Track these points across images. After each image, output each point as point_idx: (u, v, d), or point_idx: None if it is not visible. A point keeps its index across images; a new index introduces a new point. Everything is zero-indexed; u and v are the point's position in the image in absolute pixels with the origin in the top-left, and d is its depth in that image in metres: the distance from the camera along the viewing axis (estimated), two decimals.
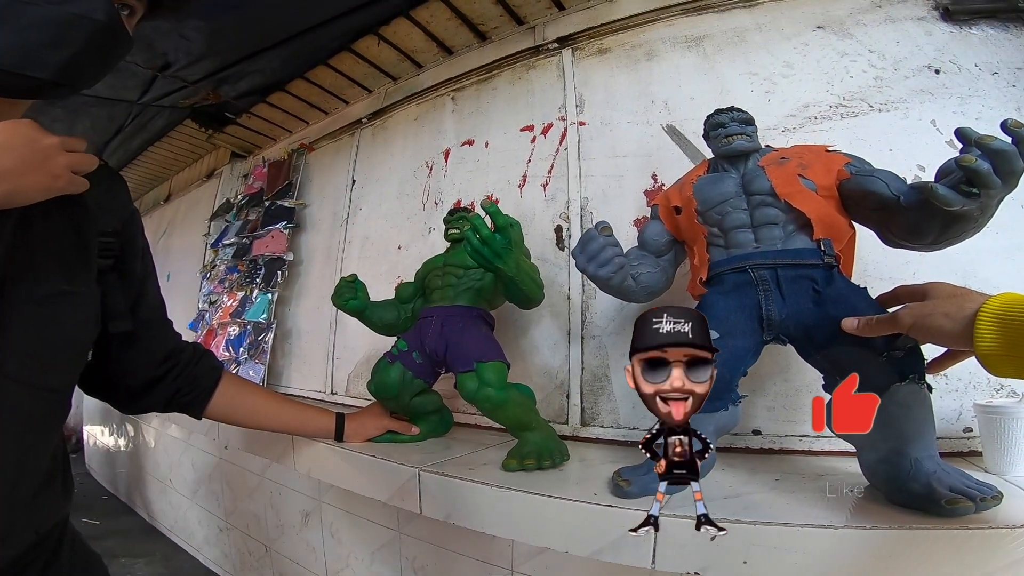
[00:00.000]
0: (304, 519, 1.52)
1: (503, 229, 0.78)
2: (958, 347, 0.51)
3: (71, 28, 0.50)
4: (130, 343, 0.70)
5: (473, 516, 0.76)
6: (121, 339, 0.68)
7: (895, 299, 0.61)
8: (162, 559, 2.06)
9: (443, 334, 0.92)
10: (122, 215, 0.67)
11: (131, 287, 0.69)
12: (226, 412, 0.83)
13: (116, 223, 0.66)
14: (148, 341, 0.73)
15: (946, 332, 0.49)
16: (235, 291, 1.84)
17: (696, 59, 1.09)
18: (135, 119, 1.90)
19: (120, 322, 0.66)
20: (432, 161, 1.45)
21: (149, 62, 1.45)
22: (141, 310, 0.71)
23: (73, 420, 3.68)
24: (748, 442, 0.88)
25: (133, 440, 2.56)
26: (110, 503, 2.69)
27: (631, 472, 0.67)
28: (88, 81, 0.55)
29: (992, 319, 0.45)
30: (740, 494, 0.66)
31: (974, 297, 0.49)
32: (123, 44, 0.55)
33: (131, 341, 0.70)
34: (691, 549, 0.58)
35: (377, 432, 0.99)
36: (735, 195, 0.72)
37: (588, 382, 1.05)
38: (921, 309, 0.52)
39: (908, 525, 0.53)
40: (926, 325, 0.51)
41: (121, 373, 0.72)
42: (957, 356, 0.56)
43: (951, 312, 0.49)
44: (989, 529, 0.51)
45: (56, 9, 0.49)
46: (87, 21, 0.51)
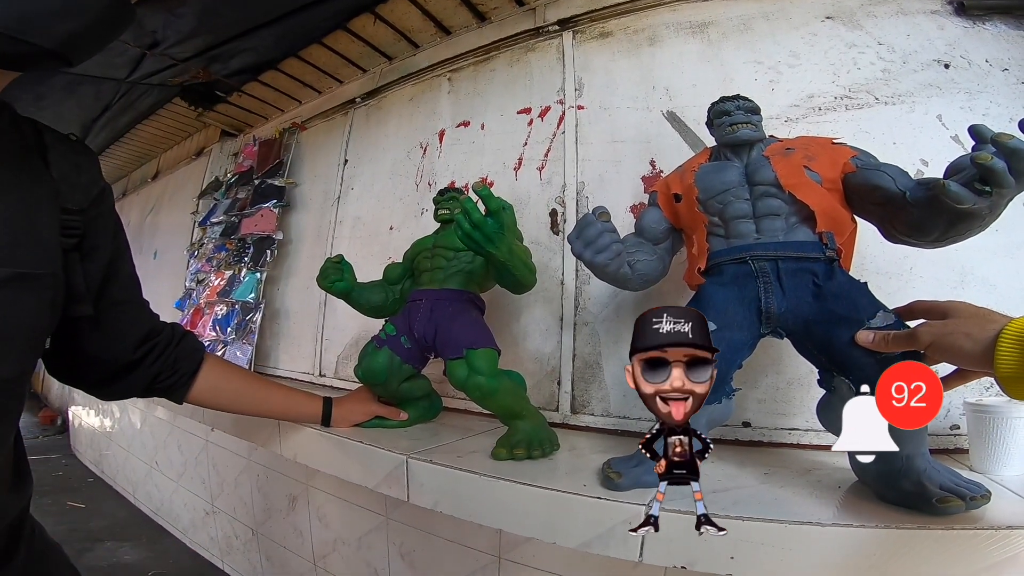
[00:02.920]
0: (291, 503, 1.52)
1: (495, 213, 0.75)
2: (977, 368, 0.50)
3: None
4: (101, 325, 0.66)
5: (461, 504, 0.75)
6: (90, 322, 0.65)
7: (910, 314, 0.59)
8: (147, 543, 2.04)
9: (432, 319, 0.90)
10: (90, 192, 0.63)
11: (97, 267, 0.65)
12: (209, 396, 0.80)
13: (83, 200, 0.62)
14: (121, 324, 0.69)
15: (966, 353, 0.48)
16: (223, 270, 1.81)
17: (700, 46, 1.06)
18: (123, 97, 1.86)
19: (80, 306, 0.62)
20: (427, 142, 1.42)
21: (138, 40, 1.41)
22: (112, 291, 0.67)
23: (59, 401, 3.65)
24: (738, 434, 0.87)
25: (119, 422, 2.54)
26: (95, 485, 2.67)
27: (621, 464, 0.66)
28: (84, 56, 0.51)
29: (1014, 341, 0.44)
30: (729, 488, 0.66)
31: (996, 318, 0.48)
32: (127, 20, 0.52)
33: (102, 324, 0.66)
34: (679, 543, 0.58)
35: (364, 417, 0.97)
36: (738, 184, 0.70)
37: (579, 369, 1.04)
38: (942, 328, 0.51)
39: (895, 524, 0.53)
40: (946, 344, 0.50)
41: (94, 358, 0.69)
42: (967, 376, 0.55)
43: (973, 332, 0.48)
44: (975, 530, 0.51)
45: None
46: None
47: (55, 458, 3.02)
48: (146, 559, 1.94)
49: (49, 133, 0.61)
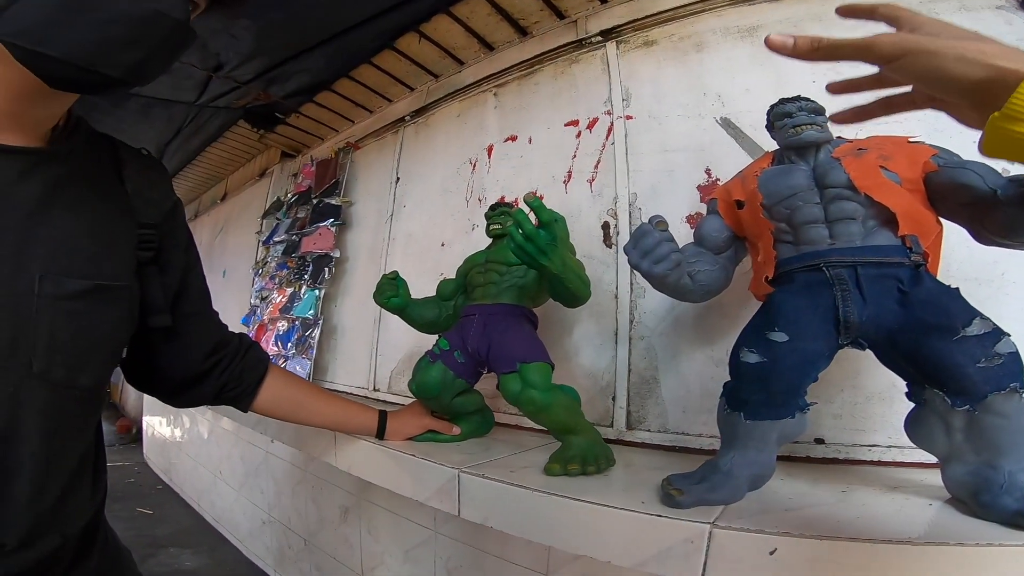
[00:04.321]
0: (343, 515, 1.54)
1: (547, 225, 0.75)
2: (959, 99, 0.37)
3: (149, 25, 0.47)
4: (174, 337, 0.69)
5: (511, 520, 0.74)
6: (164, 333, 0.67)
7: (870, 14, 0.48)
8: (208, 551, 2.12)
9: (485, 333, 0.90)
10: (163, 206, 0.66)
11: (172, 280, 0.68)
12: (272, 406, 0.82)
13: (157, 215, 0.64)
14: (192, 335, 0.72)
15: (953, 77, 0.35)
16: (284, 287, 1.89)
17: (750, 49, 1.03)
18: (192, 120, 1.97)
19: (159, 316, 0.65)
20: (475, 157, 1.44)
21: (203, 63, 1.49)
22: (184, 303, 0.70)
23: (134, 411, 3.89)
24: (810, 451, 0.81)
25: (188, 432, 2.67)
26: (164, 492, 2.80)
27: (683, 480, 0.64)
28: (149, 80, 0.52)
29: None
30: (802, 506, 0.61)
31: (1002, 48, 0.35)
32: (189, 43, 0.53)
33: (175, 335, 0.68)
34: (746, 564, 0.54)
35: (418, 431, 0.97)
36: (806, 188, 0.66)
37: (635, 384, 1.00)
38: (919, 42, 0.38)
39: (998, 542, 0.48)
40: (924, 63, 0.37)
41: (167, 367, 0.72)
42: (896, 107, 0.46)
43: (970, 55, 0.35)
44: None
45: (136, 4, 0.46)
46: (166, 19, 0.48)
47: (129, 465, 3.21)
48: (205, 566, 2.01)
49: (124, 148, 0.64)
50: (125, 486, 2.86)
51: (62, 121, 0.57)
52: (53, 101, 0.52)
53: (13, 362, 0.48)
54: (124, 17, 0.46)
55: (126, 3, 0.45)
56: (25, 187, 0.50)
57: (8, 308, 0.48)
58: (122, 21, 0.46)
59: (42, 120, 0.53)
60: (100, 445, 0.64)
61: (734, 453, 0.63)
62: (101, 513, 0.65)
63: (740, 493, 0.62)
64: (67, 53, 0.45)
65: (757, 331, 0.63)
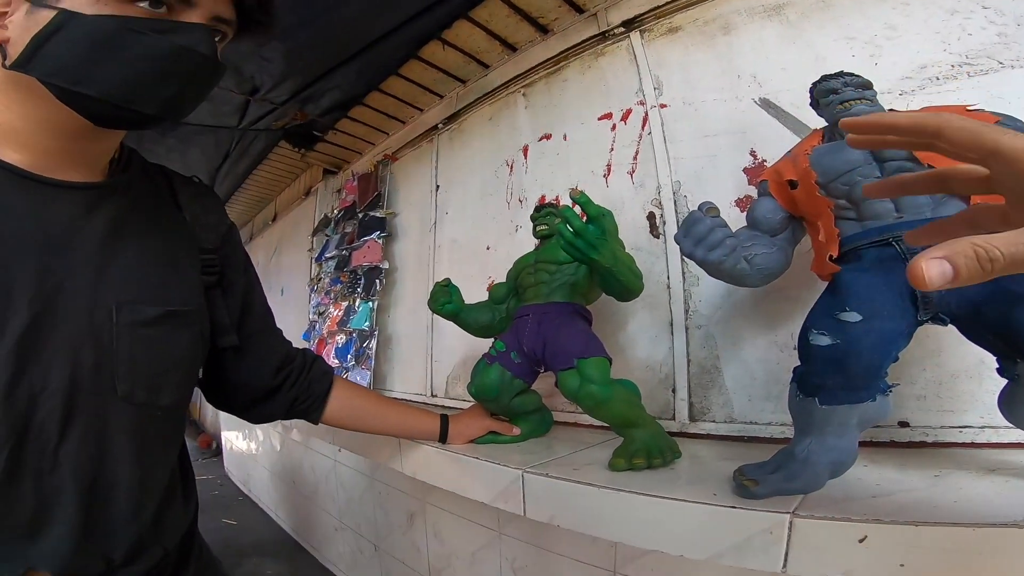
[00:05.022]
0: (409, 519, 1.58)
1: (596, 219, 0.75)
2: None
3: (177, 61, 0.49)
4: (243, 355, 0.72)
5: (578, 518, 0.73)
6: (234, 352, 0.70)
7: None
8: (286, 559, 2.21)
9: (540, 332, 0.90)
10: (220, 230, 0.68)
11: (235, 301, 0.70)
12: (340, 417, 0.85)
13: (215, 239, 0.67)
14: (260, 351, 0.75)
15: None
16: (340, 301, 1.95)
17: (780, 28, 0.99)
18: (238, 144, 2.05)
19: (227, 337, 0.68)
20: (512, 159, 1.44)
21: (240, 87, 1.55)
22: (249, 322, 0.72)
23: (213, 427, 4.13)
24: (893, 435, 0.77)
25: (262, 444, 2.80)
26: (244, 504, 2.94)
27: (756, 471, 0.62)
28: (185, 114, 0.54)
29: None
30: (892, 492, 0.58)
31: None
32: (219, 76, 0.54)
33: (244, 353, 0.71)
34: (831, 553, 0.52)
35: (479, 433, 0.98)
36: (864, 163, 0.63)
37: (696, 375, 0.98)
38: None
39: None
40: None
41: (240, 384, 0.74)
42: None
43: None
44: None
45: (163, 40, 0.47)
46: (193, 54, 0.49)
47: (212, 478, 3.37)
48: (286, 574, 2.10)
49: (176, 177, 0.67)
50: (210, 498, 3.01)
51: (116, 154, 0.59)
52: (104, 137, 0.54)
53: (100, 387, 0.51)
54: (152, 54, 0.47)
55: (153, 40, 0.47)
56: (94, 221, 0.53)
57: (91, 337, 0.51)
58: (150, 58, 0.47)
59: (98, 155, 0.56)
60: (187, 460, 0.68)
61: (810, 440, 0.60)
62: (195, 525, 0.69)
63: (820, 481, 0.60)
64: (103, 92, 0.47)
65: (827, 312, 0.60)
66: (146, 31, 0.46)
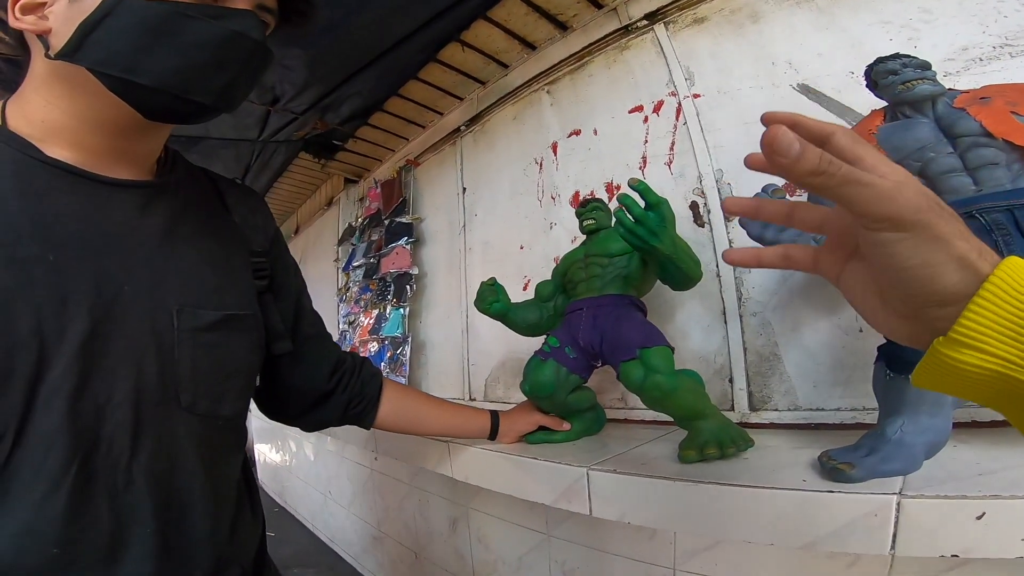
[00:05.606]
0: (452, 526, 1.56)
1: (655, 206, 0.74)
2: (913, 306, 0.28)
3: (231, 48, 0.46)
4: (297, 360, 0.70)
5: (651, 514, 0.71)
6: (289, 358, 0.68)
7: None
8: (326, 569, 2.19)
9: (596, 325, 0.88)
10: (268, 232, 0.66)
11: (287, 305, 0.68)
12: (392, 420, 0.83)
13: (264, 241, 0.65)
14: (315, 355, 0.73)
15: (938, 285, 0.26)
16: (370, 309, 1.95)
17: (811, 15, 0.98)
18: (258, 157, 2.04)
19: (281, 343, 0.65)
20: (541, 156, 1.43)
21: (261, 98, 1.55)
22: (303, 326, 0.71)
23: None
24: (993, 414, 0.74)
25: (296, 456, 2.80)
26: (281, 515, 2.93)
27: (846, 454, 0.60)
28: (237, 105, 0.51)
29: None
30: (996, 470, 0.56)
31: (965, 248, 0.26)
32: (269, 63, 0.52)
33: (298, 358, 0.70)
34: (944, 533, 0.50)
35: (529, 428, 0.96)
36: (935, 140, 0.64)
37: (754, 363, 0.96)
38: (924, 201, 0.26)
39: None
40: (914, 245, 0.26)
41: (295, 391, 0.73)
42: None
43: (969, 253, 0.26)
44: None
45: (217, 26, 0.45)
46: (246, 40, 0.47)
47: None
48: None
49: (220, 179, 0.65)
50: None
51: (162, 154, 0.57)
52: (152, 134, 0.52)
53: (164, 397, 0.49)
54: (206, 40, 0.45)
55: (205, 25, 0.45)
56: (148, 221, 0.51)
57: (152, 344, 0.48)
58: (205, 45, 0.45)
59: (147, 154, 0.54)
60: (250, 472, 0.65)
61: (903, 420, 0.58)
62: (264, 540, 0.67)
63: (917, 462, 0.58)
64: (159, 81, 0.45)
65: None
66: (199, 16, 0.44)
